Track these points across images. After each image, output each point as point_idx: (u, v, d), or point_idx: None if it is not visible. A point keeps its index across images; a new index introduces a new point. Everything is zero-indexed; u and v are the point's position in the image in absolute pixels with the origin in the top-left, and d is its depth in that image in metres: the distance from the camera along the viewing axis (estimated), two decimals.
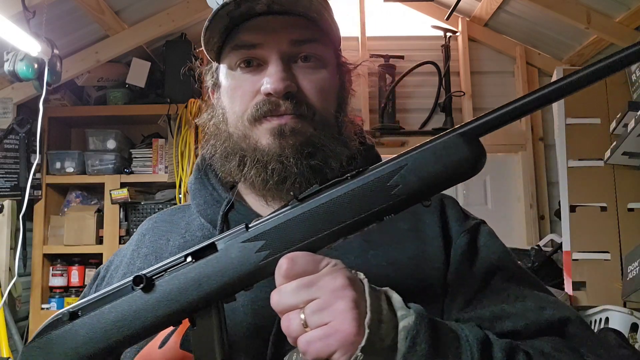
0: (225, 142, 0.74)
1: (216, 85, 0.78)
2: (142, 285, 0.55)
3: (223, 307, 0.58)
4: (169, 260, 0.58)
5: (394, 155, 0.56)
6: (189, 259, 0.57)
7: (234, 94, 0.73)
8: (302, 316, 0.52)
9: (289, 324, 0.52)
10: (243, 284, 0.56)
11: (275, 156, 0.69)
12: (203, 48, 0.74)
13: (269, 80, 0.69)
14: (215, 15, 0.69)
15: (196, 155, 2.73)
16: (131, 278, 0.56)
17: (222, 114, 0.75)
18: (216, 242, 0.57)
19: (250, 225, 0.57)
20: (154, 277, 0.56)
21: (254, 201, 0.77)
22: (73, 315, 0.57)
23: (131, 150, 2.97)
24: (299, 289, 0.52)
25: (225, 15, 0.69)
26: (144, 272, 0.57)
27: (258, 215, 0.73)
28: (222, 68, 0.76)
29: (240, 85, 0.72)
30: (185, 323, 0.67)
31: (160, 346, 0.67)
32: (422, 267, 0.70)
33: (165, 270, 0.57)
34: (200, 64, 0.84)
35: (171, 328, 0.67)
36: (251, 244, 0.56)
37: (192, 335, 0.57)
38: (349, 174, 0.56)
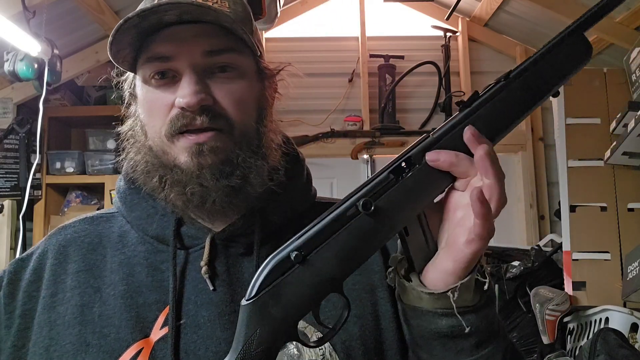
0: (145, 155, 0.71)
1: (133, 95, 0.74)
2: (372, 209, 0.54)
3: (424, 213, 0.59)
4: (370, 181, 0.56)
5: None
6: (391, 176, 0.56)
7: (151, 107, 0.69)
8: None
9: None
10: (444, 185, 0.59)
11: (193, 177, 0.66)
12: (112, 60, 0.71)
13: (182, 94, 0.65)
14: (119, 30, 0.65)
15: None
16: (359, 203, 0.54)
17: (141, 127, 0.72)
18: (411, 155, 0.57)
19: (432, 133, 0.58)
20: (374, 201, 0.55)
21: (197, 215, 0.73)
22: (298, 255, 0.54)
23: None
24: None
25: (131, 28, 0.66)
26: (359, 195, 0.55)
27: (209, 229, 0.72)
28: (138, 79, 0.72)
29: (156, 99, 0.68)
30: (149, 343, 0.66)
31: None
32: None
33: (373, 192, 0.56)
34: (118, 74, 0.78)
35: (134, 351, 0.65)
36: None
37: (409, 241, 0.58)
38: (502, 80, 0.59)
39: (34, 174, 2.55)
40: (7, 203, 2.63)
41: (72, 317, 0.69)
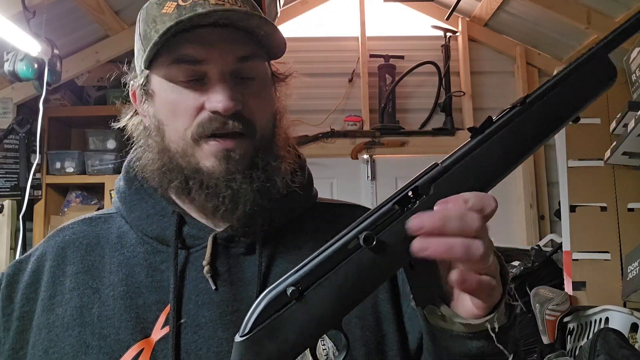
0: (161, 156, 0.70)
1: (147, 93, 0.72)
2: (374, 243, 0.51)
3: None
4: (374, 212, 0.53)
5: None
6: (396, 207, 0.53)
7: (175, 108, 0.69)
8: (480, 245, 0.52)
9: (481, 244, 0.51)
10: None
11: (223, 181, 0.67)
12: (137, 57, 0.71)
13: (217, 99, 0.66)
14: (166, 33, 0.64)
15: None
16: (360, 236, 0.51)
17: (157, 127, 0.71)
18: (418, 185, 0.53)
19: (441, 163, 0.54)
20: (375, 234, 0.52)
21: (199, 215, 0.74)
22: (295, 291, 0.51)
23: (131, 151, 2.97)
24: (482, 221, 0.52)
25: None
26: (361, 228, 0.52)
27: (212, 230, 0.72)
28: (157, 78, 0.71)
29: (182, 101, 0.68)
30: (150, 343, 0.66)
31: None
32: None
33: (376, 224, 0.52)
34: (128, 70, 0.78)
35: (135, 351, 0.65)
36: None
37: (413, 275, 0.54)
38: (514, 107, 0.55)
39: (34, 174, 2.55)
40: (7, 203, 2.63)
41: (71, 318, 0.69)
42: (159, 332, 0.67)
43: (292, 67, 0.79)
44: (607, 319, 2.00)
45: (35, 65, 2.19)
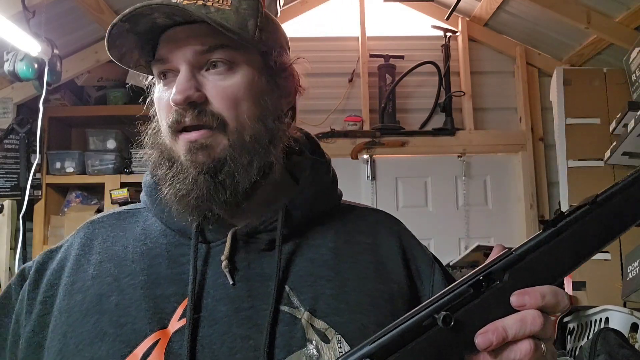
0: (157, 150, 0.74)
1: (152, 97, 0.77)
2: (451, 324, 0.52)
3: None
4: (449, 291, 0.54)
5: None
6: (471, 289, 0.55)
7: (159, 106, 0.73)
8: (543, 348, 0.53)
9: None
10: None
11: (182, 172, 0.70)
12: (118, 63, 0.74)
13: (172, 91, 0.68)
14: (110, 36, 0.68)
15: None
16: (438, 316, 0.52)
17: (156, 126, 0.75)
18: (492, 271, 0.55)
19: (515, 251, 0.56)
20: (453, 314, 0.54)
21: (221, 210, 0.74)
22: None
23: (131, 150, 2.98)
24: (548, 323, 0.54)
25: (125, 32, 0.69)
26: (437, 306, 0.53)
27: (231, 224, 0.73)
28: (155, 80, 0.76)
29: (162, 98, 0.72)
30: (167, 334, 0.66)
31: None
32: (382, 276, 0.73)
33: (449, 303, 0.54)
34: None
35: (151, 341, 0.65)
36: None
37: None
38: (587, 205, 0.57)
39: (34, 174, 2.55)
40: (7, 203, 2.63)
41: (90, 305, 0.70)
42: (175, 323, 0.67)
43: (299, 60, 0.79)
44: (607, 319, 2.00)
45: (35, 65, 2.19)
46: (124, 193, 2.84)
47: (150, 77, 0.78)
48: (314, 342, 0.58)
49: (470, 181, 3.29)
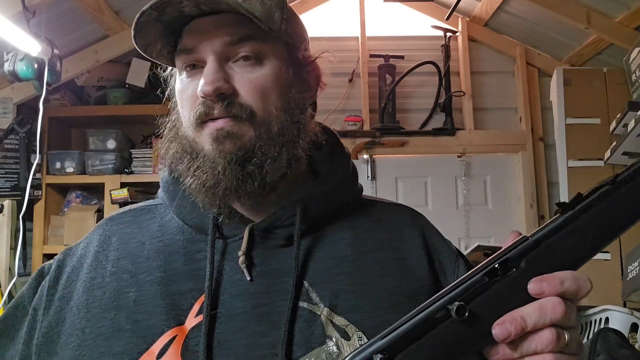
0: (178, 143, 0.73)
1: (172, 90, 0.77)
2: (465, 315, 0.50)
3: None
4: (462, 282, 0.52)
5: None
6: (486, 278, 0.51)
7: (182, 98, 0.72)
8: (567, 337, 0.51)
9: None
10: None
11: (209, 162, 0.68)
12: (144, 54, 0.73)
13: (200, 83, 0.67)
14: (137, 24, 0.67)
15: None
16: (452, 307, 0.50)
17: (178, 118, 0.74)
18: (509, 258, 0.52)
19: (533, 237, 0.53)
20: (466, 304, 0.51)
21: (238, 205, 0.74)
22: (383, 359, 0.50)
23: (131, 150, 2.97)
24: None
25: (152, 22, 0.68)
26: (451, 297, 0.51)
27: (249, 220, 0.72)
28: (176, 74, 0.75)
29: (186, 90, 0.71)
30: (184, 331, 0.66)
31: (159, 356, 0.64)
32: (405, 271, 0.72)
33: (464, 294, 0.51)
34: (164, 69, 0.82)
35: (168, 337, 0.65)
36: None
37: None
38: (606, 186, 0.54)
39: (34, 174, 2.55)
40: (7, 203, 2.63)
41: (108, 301, 0.70)
42: (192, 320, 0.67)
43: (323, 54, 0.80)
44: (607, 319, 2.00)
45: (35, 65, 2.19)
46: (124, 193, 2.84)
47: (170, 68, 0.77)
48: (334, 338, 0.58)
49: (470, 181, 3.29)
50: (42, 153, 2.75)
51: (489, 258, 0.52)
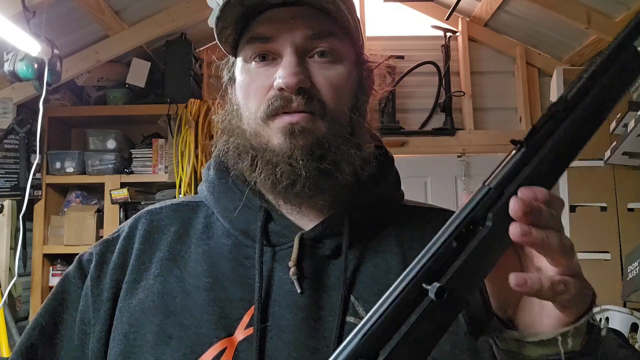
0: (237, 138, 0.71)
1: (231, 79, 0.75)
2: (445, 296, 0.46)
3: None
4: (429, 251, 0.48)
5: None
6: (454, 243, 0.48)
7: (248, 89, 0.70)
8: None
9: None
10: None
11: (284, 157, 0.66)
12: (217, 40, 0.71)
13: (281, 75, 0.65)
14: (227, 4, 0.65)
15: (196, 156, 2.73)
16: (431, 289, 0.46)
17: (237, 110, 0.72)
18: (475, 216, 0.48)
19: (488, 184, 0.49)
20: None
21: (287, 208, 0.72)
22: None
23: (131, 150, 2.97)
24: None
25: (237, 4, 0.66)
26: (421, 275, 0.47)
27: (297, 227, 0.70)
28: (238, 62, 0.72)
29: (254, 80, 0.69)
30: (233, 343, 0.63)
31: None
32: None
33: (435, 266, 0.47)
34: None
35: (217, 349, 0.63)
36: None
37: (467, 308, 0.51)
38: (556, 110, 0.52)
39: (34, 174, 2.55)
40: (7, 203, 2.63)
41: (152, 305, 0.68)
42: (242, 332, 0.65)
43: (385, 56, 0.79)
44: (607, 319, 2.00)
45: (35, 65, 2.19)
46: (124, 193, 2.84)
47: (229, 57, 0.75)
48: None
49: (470, 181, 3.29)
50: (42, 153, 2.75)
51: (453, 217, 0.49)
